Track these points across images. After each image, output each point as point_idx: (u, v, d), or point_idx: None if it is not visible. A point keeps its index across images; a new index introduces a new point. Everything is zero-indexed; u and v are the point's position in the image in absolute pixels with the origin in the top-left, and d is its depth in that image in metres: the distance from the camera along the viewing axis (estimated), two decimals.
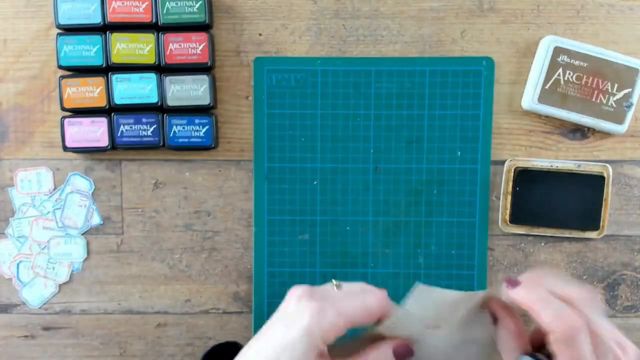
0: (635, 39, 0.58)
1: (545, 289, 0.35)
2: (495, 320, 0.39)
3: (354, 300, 0.38)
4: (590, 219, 0.58)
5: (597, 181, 0.58)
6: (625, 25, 0.58)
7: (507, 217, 0.59)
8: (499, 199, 0.59)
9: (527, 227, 0.59)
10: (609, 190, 0.58)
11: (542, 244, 0.60)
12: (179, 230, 0.61)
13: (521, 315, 0.38)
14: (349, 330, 0.38)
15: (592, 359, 0.32)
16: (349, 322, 0.37)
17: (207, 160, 0.60)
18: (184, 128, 0.58)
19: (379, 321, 0.39)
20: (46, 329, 0.62)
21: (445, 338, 0.39)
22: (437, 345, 0.39)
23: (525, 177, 0.58)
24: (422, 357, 0.39)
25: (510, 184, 0.58)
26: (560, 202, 0.58)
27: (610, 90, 0.57)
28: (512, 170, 0.58)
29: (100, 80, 0.57)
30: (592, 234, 0.59)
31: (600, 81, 0.57)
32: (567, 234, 0.59)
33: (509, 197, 0.58)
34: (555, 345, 0.33)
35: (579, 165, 0.58)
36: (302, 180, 0.59)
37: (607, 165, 0.58)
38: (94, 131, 0.58)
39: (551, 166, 0.58)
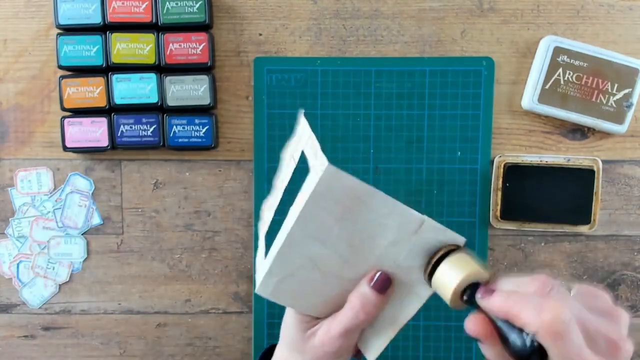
0: (635, 38, 0.58)
1: (518, 291, 0.32)
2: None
3: None
4: (581, 213, 0.58)
5: (588, 175, 0.58)
6: (625, 25, 0.58)
7: (498, 213, 0.59)
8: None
9: (518, 222, 0.59)
10: (600, 183, 0.58)
11: (542, 243, 0.60)
12: (179, 230, 0.61)
13: None
14: None
15: (585, 348, 0.29)
16: None
17: (207, 160, 0.60)
18: (184, 128, 0.58)
19: None
20: (46, 329, 0.62)
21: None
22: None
23: (515, 173, 0.58)
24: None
25: (500, 180, 0.58)
26: (550, 197, 0.58)
27: (610, 90, 0.57)
28: (502, 166, 0.58)
29: (100, 80, 0.57)
30: (583, 228, 0.59)
31: (600, 81, 0.57)
32: (558, 228, 0.59)
33: (499, 193, 0.58)
34: (545, 342, 0.29)
35: (568, 160, 0.58)
36: (302, 180, 0.59)
37: (597, 158, 0.58)
38: (94, 131, 0.58)
39: (540, 161, 0.58)
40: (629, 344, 0.30)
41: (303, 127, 0.42)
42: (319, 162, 0.36)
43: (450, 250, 0.36)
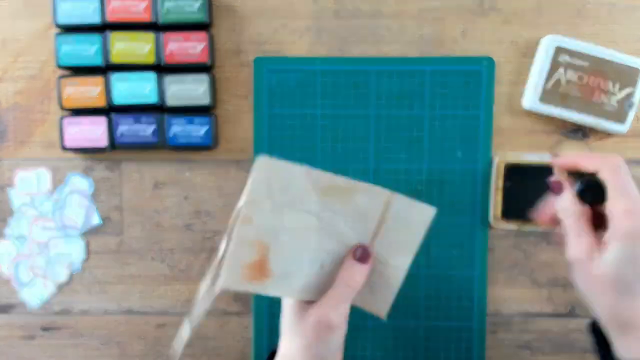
0: (637, 38, 0.58)
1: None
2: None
3: None
4: None
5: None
6: (627, 25, 0.58)
7: (499, 213, 0.58)
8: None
9: (518, 222, 0.59)
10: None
11: (544, 244, 0.60)
12: (179, 230, 0.61)
13: None
14: None
15: (630, 178, 0.42)
16: None
17: (207, 160, 0.60)
18: (183, 128, 0.58)
19: None
20: (45, 329, 0.61)
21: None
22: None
23: (515, 173, 0.58)
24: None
25: (501, 179, 0.58)
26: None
27: (611, 90, 0.57)
28: (502, 166, 0.58)
29: (99, 80, 0.57)
30: None
31: (601, 81, 0.57)
32: (558, 228, 0.59)
33: (500, 193, 0.58)
34: (606, 176, 0.42)
35: None
36: None
37: None
38: (94, 131, 0.58)
39: (541, 161, 0.58)
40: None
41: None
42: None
43: None
